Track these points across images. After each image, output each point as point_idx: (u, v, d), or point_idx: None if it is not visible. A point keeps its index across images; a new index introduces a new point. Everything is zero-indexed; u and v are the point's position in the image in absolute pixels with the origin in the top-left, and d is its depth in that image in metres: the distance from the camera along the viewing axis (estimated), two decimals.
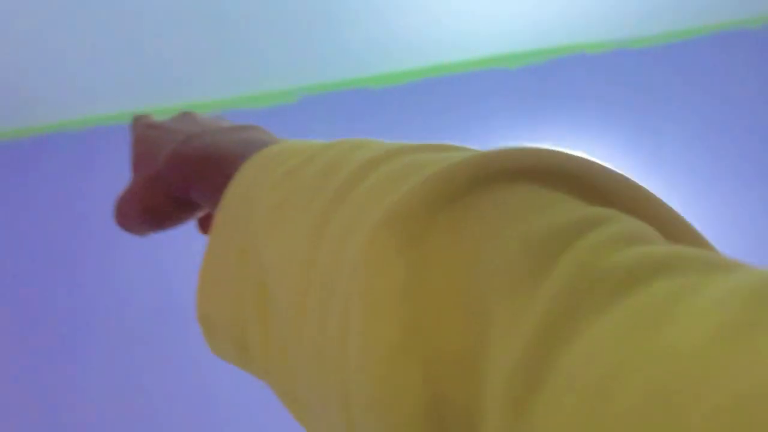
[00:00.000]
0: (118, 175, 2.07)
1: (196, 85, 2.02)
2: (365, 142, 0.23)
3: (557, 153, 0.17)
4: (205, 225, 0.35)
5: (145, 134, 0.32)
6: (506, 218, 0.15)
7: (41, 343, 1.94)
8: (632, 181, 0.17)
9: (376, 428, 0.15)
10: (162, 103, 2.09)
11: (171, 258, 1.97)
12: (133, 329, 1.92)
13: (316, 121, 2.04)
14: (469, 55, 2.01)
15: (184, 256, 1.97)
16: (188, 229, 1.98)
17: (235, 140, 0.28)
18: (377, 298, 0.15)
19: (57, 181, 2.09)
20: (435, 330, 0.14)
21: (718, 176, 1.83)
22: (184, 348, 1.88)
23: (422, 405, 0.14)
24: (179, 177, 0.29)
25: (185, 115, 0.34)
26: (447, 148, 0.20)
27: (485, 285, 0.14)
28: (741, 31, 1.94)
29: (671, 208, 0.16)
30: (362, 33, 1.86)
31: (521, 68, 2.01)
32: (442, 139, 1.97)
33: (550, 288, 0.12)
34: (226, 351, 0.24)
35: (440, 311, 0.14)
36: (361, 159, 0.21)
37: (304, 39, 1.86)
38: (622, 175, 0.17)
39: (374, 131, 2.00)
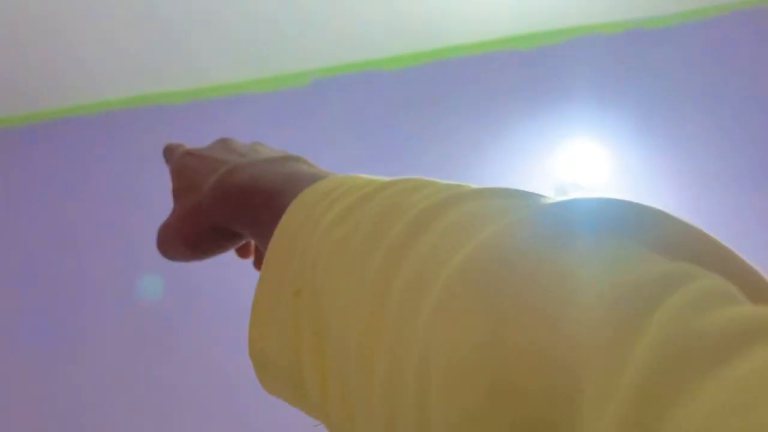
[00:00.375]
0: (127, 159, 2.08)
1: (208, 68, 2.01)
2: (424, 183, 0.23)
3: (630, 204, 0.17)
4: (243, 252, 0.36)
5: (185, 163, 0.33)
6: (586, 271, 0.15)
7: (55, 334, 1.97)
8: (707, 234, 0.17)
9: None
10: (173, 86, 2.08)
11: None
12: (143, 319, 1.94)
13: (327, 103, 2.03)
14: (481, 37, 1.99)
15: None
16: None
17: (282, 173, 0.29)
18: (458, 357, 0.15)
19: (68, 165, 2.10)
20: (520, 391, 0.14)
21: (736, 158, 1.82)
22: (195, 341, 1.90)
23: None
24: (223, 209, 0.29)
25: (223, 142, 0.34)
26: (507, 195, 0.20)
27: (569, 341, 0.14)
28: (760, 9, 1.91)
29: (749, 263, 0.16)
30: (374, 15, 1.84)
31: (534, 49, 1.99)
32: (455, 120, 1.96)
33: (645, 351, 0.12)
34: (278, 389, 0.24)
35: (523, 371, 0.14)
36: (424, 203, 0.21)
37: (315, 21, 1.85)
38: (696, 228, 0.17)
39: (386, 113, 2.00)
